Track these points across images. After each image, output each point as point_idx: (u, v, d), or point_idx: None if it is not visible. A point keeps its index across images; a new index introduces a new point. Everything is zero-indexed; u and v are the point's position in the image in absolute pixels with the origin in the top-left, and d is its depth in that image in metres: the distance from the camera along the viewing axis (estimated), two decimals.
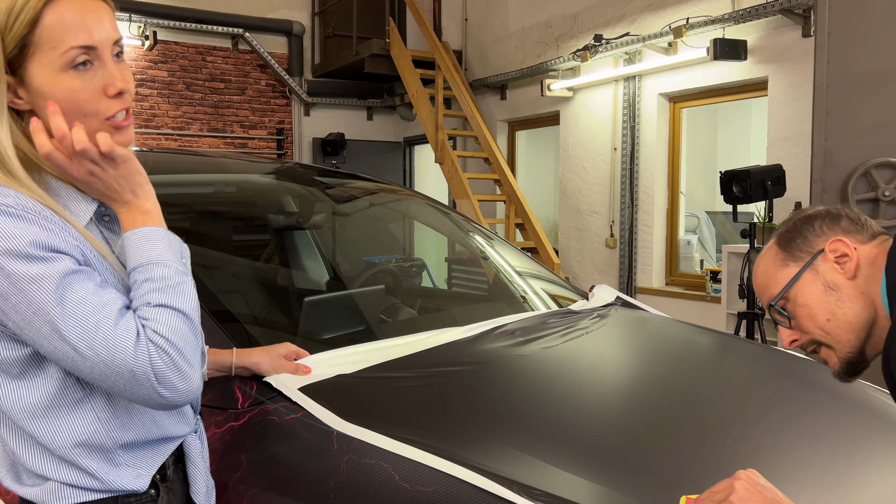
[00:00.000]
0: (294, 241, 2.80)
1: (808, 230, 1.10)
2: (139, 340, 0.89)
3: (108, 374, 0.89)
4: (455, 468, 1.12)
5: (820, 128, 3.53)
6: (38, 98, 0.94)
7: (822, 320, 1.06)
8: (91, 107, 0.95)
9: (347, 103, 8.47)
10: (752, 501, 0.94)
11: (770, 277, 1.12)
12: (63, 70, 0.93)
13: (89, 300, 0.89)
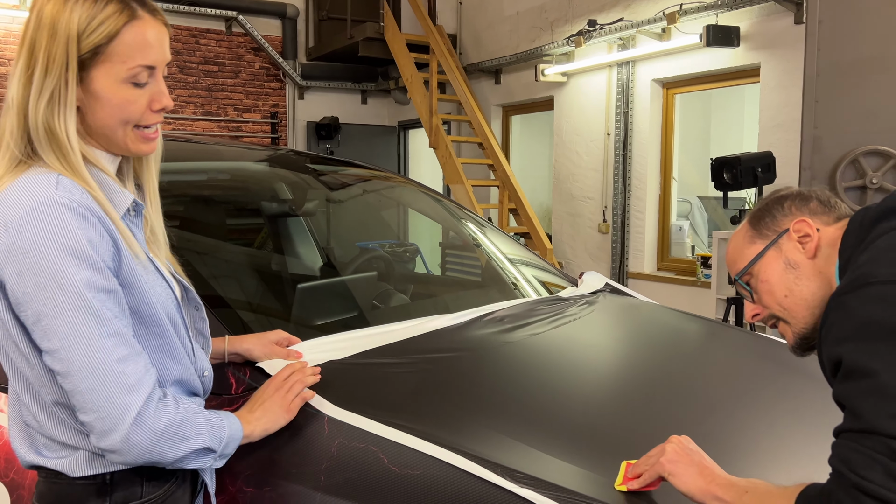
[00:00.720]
0: (287, 227, 2.83)
1: (777, 210, 1.14)
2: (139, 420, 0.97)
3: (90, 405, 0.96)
4: (442, 452, 1.16)
5: (809, 115, 3.56)
6: (93, 100, 1.02)
7: (780, 296, 1.11)
8: (133, 116, 1.04)
9: (342, 87, 8.45)
10: (680, 463, 1.06)
11: (738, 253, 1.17)
12: (124, 82, 1.02)
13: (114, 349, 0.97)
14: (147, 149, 1.09)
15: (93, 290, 0.95)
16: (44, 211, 0.94)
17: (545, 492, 1.09)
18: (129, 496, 1.05)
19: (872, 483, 0.81)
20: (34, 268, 0.93)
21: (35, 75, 1.00)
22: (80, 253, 0.94)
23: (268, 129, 8.22)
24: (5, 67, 6.84)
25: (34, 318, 0.95)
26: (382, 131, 8.72)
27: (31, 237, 0.93)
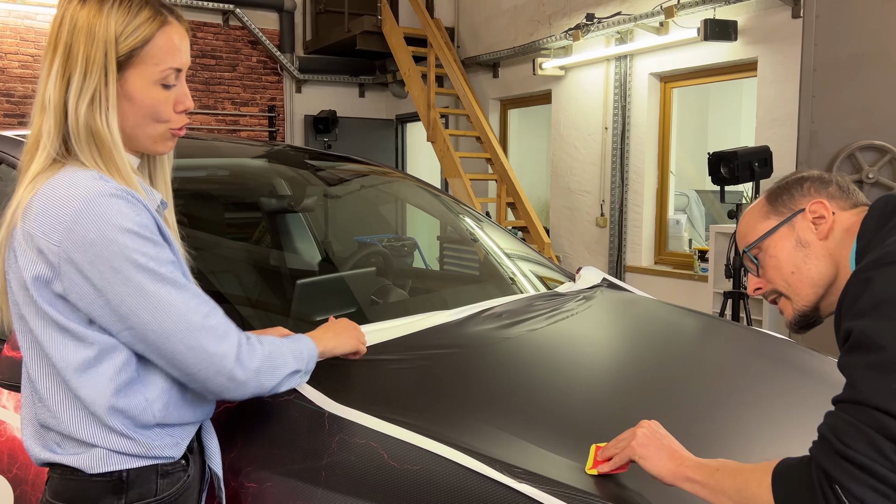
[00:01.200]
0: (286, 223, 2.84)
1: (796, 189, 1.16)
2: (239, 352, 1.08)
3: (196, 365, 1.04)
4: (441, 448, 1.18)
5: (806, 110, 3.57)
6: (125, 101, 1.09)
7: (787, 272, 1.13)
8: (163, 117, 1.12)
9: (339, 80, 8.43)
10: (649, 447, 1.09)
11: (751, 226, 1.19)
12: (155, 83, 1.10)
13: (197, 302, 1.06)
14: (168, 147, 1.16)
15: (161, 262, 1.02)
16: (98, 201, 1.00)
17: (543, 487, 1.10)
18: (145, 493, 1.07)
19: (856, 452, 0.83)
20: (104, 255, 0.99)
21: (74, 77, 1.05)
22: (140, 233, 1.01)
23: (265, 122, 8.21)
24: (2, 61, 6.82)
25: (117, 301, 1.00)
26: (380, 125, 8.71)
27: (93, 227, 0.98)
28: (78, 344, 1.03)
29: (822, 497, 0.84)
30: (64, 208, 0.99)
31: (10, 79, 6.87)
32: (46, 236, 0.99)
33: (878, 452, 0.81)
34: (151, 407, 1.07)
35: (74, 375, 1.03)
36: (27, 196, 1.03)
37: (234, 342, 1.07)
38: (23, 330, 1.06)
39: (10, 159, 1.82)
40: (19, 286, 1.04)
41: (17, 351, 1.39)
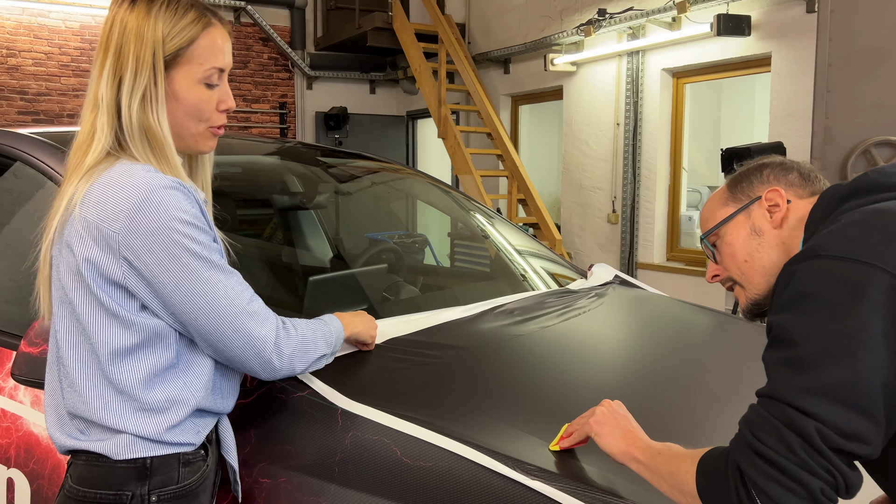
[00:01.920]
0: (298, 220, 2.85)
1: (755, 176, 1.15)
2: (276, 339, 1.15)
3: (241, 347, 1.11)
4: (454, 444, 1.18)
5: (821, 105, 3.54)
6: (171, 99, 1.14)
7: (740, 260, 1.13)
8: (206, 115, 1.17)
9: (350, 77, 8.44)
10: (607, 425, 1.15)
11: (710, 213, 1.18)
12: (199, 83, 1.15)
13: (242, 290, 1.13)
14: (210, 146, 1.20)
15: (212, 250, 1.10)
16: (159, 192, 1.05)
17: (555, 484, 1.11)
18: (167, 481, 1.10)
19: (765, 446, 0.84)
20: (164, 242, 1.05)
21: (126, 77, 1.11)
22: (195, 223, 1.08)
23: (276, 119, 8.23)
24: (16, 59, 6.88)
25: (173, 286, 1.06)
26: (391, 121, 8.72)
27: (154, 217, 1.04)
28: (125, 329, 1.07)
29: (734, 489, 0.86)
30: (126, 198, 1.05)
31: (24, 76, 6.92)
32: (107, 224, 1.04)
33: (785, 447, 0.83)
34: (189, 390, 1.11)
35: (115, 360, 1.07)
36: (84, 186, 1.08)
37: (273, 327, 1.15)
38: (66, 315, 1.10)
39: (25, 157, 1.84)
40: (71, 272, 1.08)
41: (33, 347, 1.40)
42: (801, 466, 0.82)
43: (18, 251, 2.05)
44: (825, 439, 0.82)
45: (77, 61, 7.15)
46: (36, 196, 1.94)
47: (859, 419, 0.82)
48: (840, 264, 0.86)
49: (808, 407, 0.83)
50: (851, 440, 0.82)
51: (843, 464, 0.83)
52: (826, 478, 0.82)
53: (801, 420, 0.83)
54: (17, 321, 1.83)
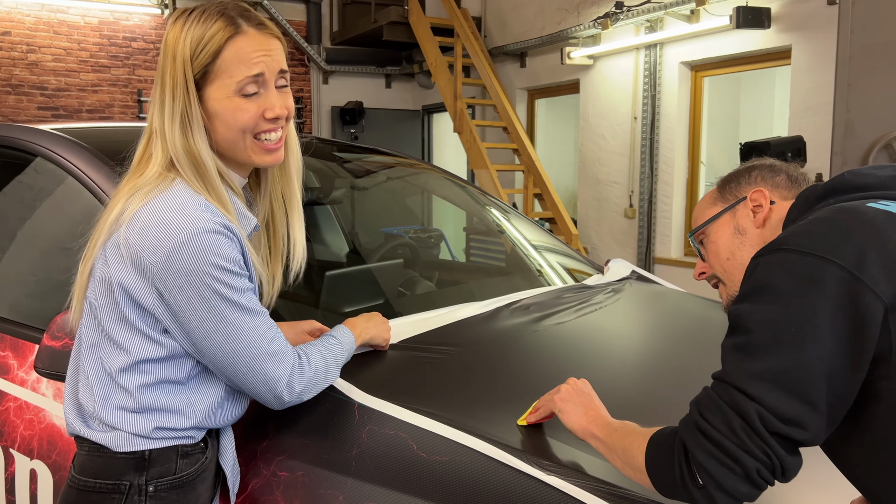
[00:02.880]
0: (314, 215, 2.86)
1: (743, 177, 1.17)
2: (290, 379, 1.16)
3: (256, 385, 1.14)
4: (470, 439, 1.18)
5: (842, 99, 3.49)
6: (212, 117, 1.10)
7: (723, 258, 1.15)
8: (250, 126, 1.12)
9: (366, 71, 8.44)
10: (569, 402, 1.20)
11: (700, 212, 1.21)
12: (235, 94, 1.10)
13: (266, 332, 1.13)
14: (271, 160, 1.15)
15: (242, 293, 1.09)
16: (201, 238, 1.05)
17: (571, 479, 1.11)
18: (164, 472, 1.12)
19: (710, 425, 0.88)
20: (196, 284, 1.05)
21: (166, 100, 1.09)
22: (229, 268, 1.07)
23: None
24: (36, 55, 6.96)
25: (197, 324, 1.07)
26: (407, 116, 8.71)
27: (191, 260, 1.04)
28: (147, 343, 1.09)
29: (678, 464, 0.91)
30: (169, 236, 1.04)
31: (44, 72, 7.00)
32: (146, 254, 1.05)
33: (727, 427, 0.86)
34: (192, 408, 1.13)
35: (127, 368, 1.09)
36: (136, 204, 1.07)
37: (289, 366, 1.16)
38: (91, 317, 1.13)
39: (46, 153, 1.86)
40: (103, 283, 1.10)
41: (55, 341, 1.42)
42: (739, 446, 0.85)
43: (39, 247, 2.08)
44: (765, 422, 0.85)
45: (96, 57, 7.21)
46: (56, 192, 1.97)
47: (800, 406, 0.84)
48: (798, 257, 0.88)
49: (752, 391, 0.86)
50: (791, 425, 0.84)
51: (781, 448, 0.85)
52: (763, 459, 0.85)
53: (744, 403, 0.86)
54: (37, 315, 1.86)
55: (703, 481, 0.87)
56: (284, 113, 1.14)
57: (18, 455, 1.62)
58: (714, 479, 0.86)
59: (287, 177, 1.25)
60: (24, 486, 1.61)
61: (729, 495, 0.87)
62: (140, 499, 1.09)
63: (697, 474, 0.88)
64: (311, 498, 1.17)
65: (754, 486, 0.86)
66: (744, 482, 0.86)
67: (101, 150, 1.74)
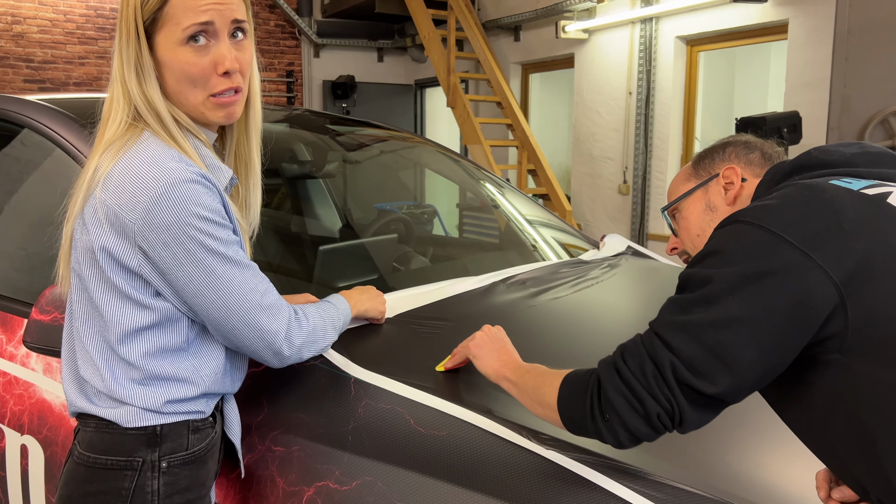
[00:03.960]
0: (306, 189, 2.82)
1: (718, 154, 1.17)
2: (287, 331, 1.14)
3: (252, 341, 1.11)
4: (468, 414, 1.17)
5: (839, 74, 3.47)
6: (161, 67, 1.07)
7: (693, 234, 1.16)
8: (200, 79, 1.07)
9: (358, 44, 8.33)
10: (483, 348, 1.25)
11: (674, 187, 1.21)
12: (182, 44, 1.05)
13: (256, 283, 1.10)
14: (223, 114, 1.11)
15: (228, 244, 1.06)
16: (179, 188, 1.01)
17: (569, 453, 1.10)
18: (177, 447, 1.10)
19: (626, 366, 0.93)
20: (179, 237, 1.01)
21: (123, 48, 1.07)
22: (211, 218, 1.04)
23: (283, 88, 8.16)
24: (21, 26, 6.82)
25: (186, 280, 1.04)
26: (399, 90, 8.63)
27: (171, 212, 1.00)
28: (138, 310, 1.06)
29: (589, 398, 0.96)
30: (145, 189, 1.00)
31: (30, 44, 6.87)
32: (125, 212, 1.01)
33: (641, 371, 0.91)
34: (198, 374, 1.11)
35: (125, 337, 1.06)
36: (108, 163, 1.04)
37: (285, 319, 1.13)
38: (80, 289, 1.09)
39: (33, 124, 1.82)
40: (86, 251, 1.06)
41: (45, 315, 1.40)
42: (646, 389, 0.91)
43: (27, 220, 2.04)
44: (676, 372, 0.89)
45: (83, 28, 7.08)
46: (44, 164, 1.93)
47: (714, 362, 0.87)
48: (751, 230, 0.90)
49: (670, 339, 0.90)
50: (700, 378, 0.88)
51: (686, 399, 0.89)
52: (665, 405, 0.90)
53: (661, 350, 0.90)
54: (26, 289, 1.83)
55: (608, 416, 0.94)
56: (236, 66, 1.07)
57: (8, 430, 1.60)
58: (619, 415, 0.93)
59: (245, 136, 1.20)
60: (15, 461, 1.59)
61: (629, 433, 0.93)
62: (153, 475, 1.07)
63: (605, 408, 0.94)
64: (306, 472, 1.16)
65: (652, 429, 0.92)
66: (644, 423, 0.92)
67: (89, 120, 1.70)
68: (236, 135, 1.21)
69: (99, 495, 1.06)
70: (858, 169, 0.98)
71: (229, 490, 1.23)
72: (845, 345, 0.85)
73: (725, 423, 1.27)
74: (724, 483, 1.10)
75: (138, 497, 1.05)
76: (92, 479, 1.07)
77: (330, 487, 1.13)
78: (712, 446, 1.23)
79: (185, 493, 1.09)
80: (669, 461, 1.14)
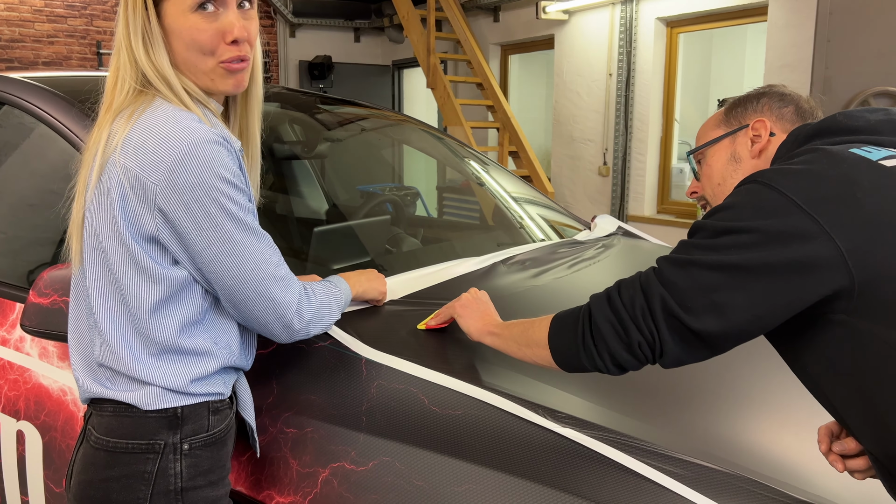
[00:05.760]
0: (291, 168, 2.78)
1: (751, 104, 1.15)
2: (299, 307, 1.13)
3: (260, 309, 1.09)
4: (484, 393, 1.17)
5: (821, 55, 3.51)
6: (170, 35, 1.05)
7: (714, 183, 1.16)
8: (209, 47, 1.06)
9: (334, 24, 8.21)
10: (467, 308, 1.31)
11: (703, 132, 1.21)
12: (191, 10, 1.05)
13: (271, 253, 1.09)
14: (233, 83, 1.10)
15: (247, 211, 1.05)
16: (203, 147, 1.00)
17: (587, 431, 1.10)
18: (198, 429, 1.08)
19: (619, 296, 0.98)
20: (202, 199, 1.00)
21: (129, 15, 1.04)
22: (233, 182, 1.03)
23: None
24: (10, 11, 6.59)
25: (204, 244, 1.02)
26: (377, 71, 8.53)
27: (195, 172, 0.99)
28: (154, 283, 1.04)
29: (581, 325, 1.01)
30: (169, 149, 0.99)
31: None
32: (147, 173, 0.99)
33: (630, 302, 0.96)
34: (216, 346, 1.10)
35: (147, 314, 1.04)
36: (124, 127, 1.02)
37: (296, 292, 1.13)
38: (98, 263, 1.06)
39: (14, 100, 1.76)
40: (107, 220, 1.03)
41: (43, 298, 1.36)
42: (631, 319, 0.95)
43: (9, 202, 1.98)
44: (664, 303, 0.92)
45: (51, 6, 6.86)
46: (28, 143, 1.87)
47: (701, 298, 0.90)
48: (766, 191, 0.91)
49: (665, 274, 0.94)
50: (687, 311, 0.91)
51: (668, 331, 0.93)
52: (647, 336, 0.94)
53: (654, 284, 0.94)
54: (10, 272, 1.78)
55: (595, 341, 0.99)
56: (244, 35, 1.07)
57: (3, 416, 1.57)
58: (604, 341, 0.97)
59: (248, 109, 1.20)
60: (11, 447, 1.56)
61: (612, 357, 0.98)
62: (175, 457, 1.05)
63: (595, 335, 0.99)
64: (321, 453, 1.15)
65: (633, 356, 0.97)
66: (625, 350, 0.96)
67: (75, 98, 1.65)
68: (239, 108, 1.20)
69: (121, 479, 1.04)
70: (881, 137, 0.99)
71: (241, 472, 1.22)
72: (851, 306, 0.87)
73: (740, 399, 1.29)
74: (740, 458, 1.12)
75: (161, 480, 1.04)
76: (113, 463, 1.05)
77: (346, 468, 1.12)
78: (727, 422, 1.25)
79: (208, 474, 1.08)
80: (684, 436, 1.16)
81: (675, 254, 0.95)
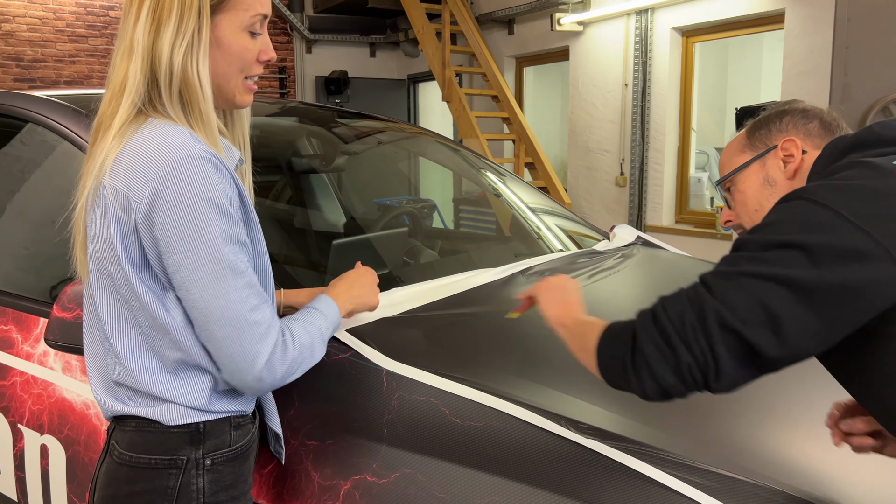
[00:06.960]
0: (309, 182, 2.80)
1: (774, 124, 1.11)
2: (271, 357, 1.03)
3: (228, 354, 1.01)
4: (505, 405, 1.16)
5: (840, 62, 3.48)
6: (215, 48, 1.06)
7: (751, 209, 1.12)
8: (247, 65, 1.10)
9: (350, 40, 8.29)
10: (551, 292, 1.20)
11: (728, 159, 1.17)
12: (244, 29, 1.08)
13: (247, 290, 1.01)
14: (250, 100, 1.14)
15: (229, 242, 0.99)
16: (188, 164, 0.98)
17: (611, 443, 1.09)
18: (220, 444, 1.08)
19: (665, 313, 0.89)
20: (180, 221, 0.97)
21: (167, 22, 1.02)
22: (220, 206, 0.98)
23: (276, 84, 8.10)
24: (10, 25, 6.73)
25: (174, 268, 0.98)
26: (392, 85, 8.59)
27: (177, 191, 0.96)
28: (163, 305, 1.02)
29: (624, 342, 0.93)
30: (153, 167, 0.97)
31: (19, 42, 6.78)
32: (134, 193, 0.98)
33: (679, 318, 0.87)
34: None
35: (160, 334, 1.03)
36: (115, 149, 1.01)
37: (271, 344, 1.02)
38: (106, 287, 1.05)
39: (37, 118, 1.79)
40: (105, 242, 1.02)
41: (67, 312, 1.38)
42: (681, 338, 0.86)
43: (31, 219, 2.01)
44: (720, 317, 0.84)
45: (73, 26, 6.99)
46: (50, 160, 1.90)
47: (758, 311, 0.83)
48: (814, 207, 0.88)
49: (717, 287, 0.86)
50: (746, 325, 0.83)
51: (726, 348, 0.84)
52: (698, 356, 0.85)
53: (705, 298, 0.86)
54: (35, 287, 1.81)
55: (638, 364, 0.89)
56: (275, 57, 1.14)
57: (28, 430, 1.58)
58: (647, 363, 0.88)
59: (241, 122, 1.22)
60: (35, 461, 1.57)
61: (655, 382, 0.88)
62: (197, 472, 1.05)
63: (635, 353, 0.90)
64: (343, 466, 1.15)
65: (680, 380, 0.87)
66: (672, 373, 0.87)
67: None
68: (236, 119, 1.21)
69: (144, 494, 1.04)
70: None
71: (263, 485, 1.22)
72: None
73: (765, 409, 1.27)
74: (766, 468, 1.10)
75: (184, 495, 1.04)
76: (136, 478, 1.05)
77: (368, 480, 1.12)
78: (752, 431, 1.23)
79: (230, 489, 1.08)
80: (709, 446, 1.14)
81: (725, 267, 0.89)
